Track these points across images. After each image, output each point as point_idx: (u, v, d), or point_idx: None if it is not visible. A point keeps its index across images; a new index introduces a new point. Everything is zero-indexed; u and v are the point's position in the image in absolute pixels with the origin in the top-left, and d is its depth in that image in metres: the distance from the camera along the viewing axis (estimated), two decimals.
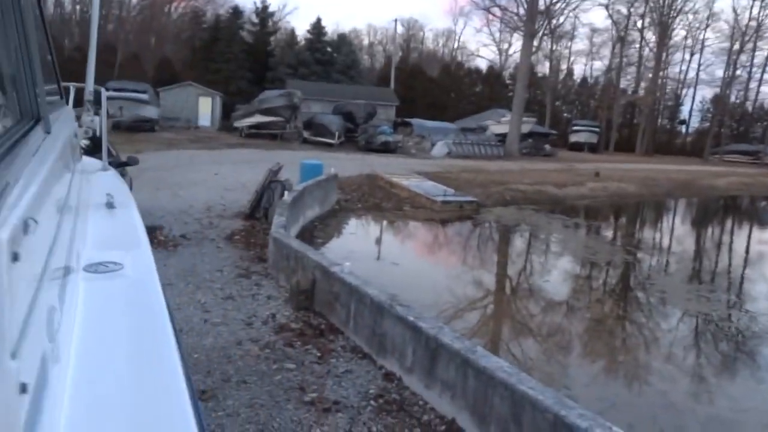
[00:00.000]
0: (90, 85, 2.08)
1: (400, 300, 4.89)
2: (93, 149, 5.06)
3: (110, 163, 8.38)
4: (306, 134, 31.00)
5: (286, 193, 10.24)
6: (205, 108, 36.60)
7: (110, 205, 1.95)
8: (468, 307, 8.22)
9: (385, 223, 14.04)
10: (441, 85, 51.95)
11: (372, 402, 4.20)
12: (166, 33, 52.69)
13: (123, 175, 9.05)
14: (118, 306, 1.20)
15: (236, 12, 48.47)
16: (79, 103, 3.55)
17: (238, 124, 32.21)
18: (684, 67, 58.78)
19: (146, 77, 39.21)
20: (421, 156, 28.51)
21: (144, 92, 30.78)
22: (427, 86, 50.26)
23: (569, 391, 5.18)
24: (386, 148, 28.61)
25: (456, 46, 69.39)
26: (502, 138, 34.79)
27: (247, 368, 4.59)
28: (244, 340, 5.15)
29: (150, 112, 30.97)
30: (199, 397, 4.07)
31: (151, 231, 8.83)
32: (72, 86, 3.54)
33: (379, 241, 12.55)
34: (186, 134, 30.37)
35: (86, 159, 3.28)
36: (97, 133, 3.22)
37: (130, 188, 9.52)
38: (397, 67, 48.17)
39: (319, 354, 4.95)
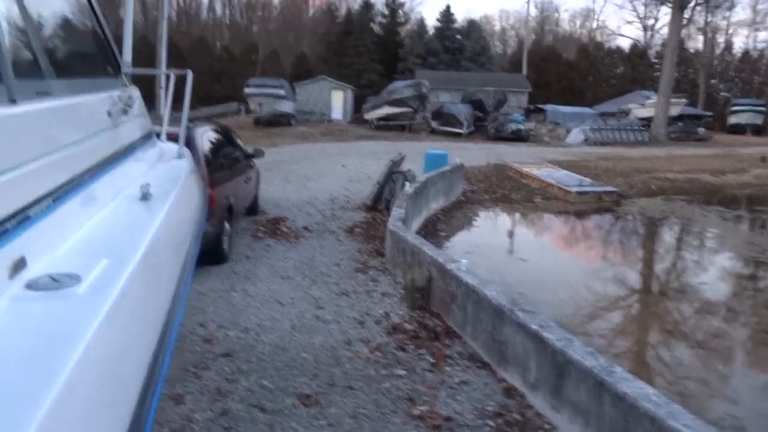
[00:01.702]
0: (127, 56, 1.87)
1: (523, 304, 4.32)
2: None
3: (239, 156, 8.60)
4: (434, 124, 30.66)
5: (407, 184, 9.93)
6: (338, 101, 37.56)
7: (145, 197, 1.69)
8: (607, 311, 7.36)
9: (513, 215, 13.28)
10: (577, 68, 48.92)
11: (490, 422, 3.71)
12: (303, 30, 54.95)
13: (250, 167, 9.30)
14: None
15: (367, 5, 49.29)
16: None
17: (368, 116, 32.65)
18: None
19: (284, 73, 41.16)
20: (555, 144, 26.98)
21: (281, 87, 32.24)
22: (563, 70, 47.57)
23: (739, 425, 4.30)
24: (517, 137, 27.45)
25: (595, 26, 65.05)
26: (646, 122, 31.90)
27: (354, 372, 4.30)
28: (355, 340, 4.88)
29: (287, 106, 32.40)
30: (303, 402, 3.84)
31: (276, 222, 8.96)
32: (172, 72, 3.40)
33: (506, 235, 11.86)
34: (319, 128, 31.36)
35: (164, 144, 3.12)
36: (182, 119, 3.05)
37: (257, 180, 9.83)
38: (529, 51, 46.19)
39: (432, 360, 4.53)
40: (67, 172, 1.32)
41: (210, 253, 6.64)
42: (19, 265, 0.99)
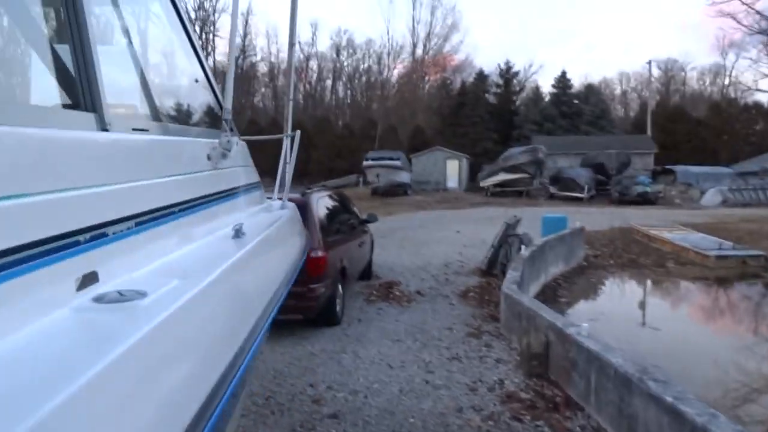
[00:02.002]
0: (228, 104, 1.95)
1: (655, 373, 3.86)
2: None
3: (353, 221, 8.81)
4: (552, 189, 29.83)
5: (523, 247, 9.57)
6: (453, 170, 37.94)
7: (237, 235, 1.70)
8: (765, 393, 6.40)
9: (643, 282, 12.28)
10: (709, 127, 45.80)
11: None
12: (419, 104, 56.97)
13: (364, 232, 9.48)
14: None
15: (481, 76, 50.24)
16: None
17: (483, 183, 32.56)
18: None
19: (401, 146, 42.52)
20: (687, 206, 25.05)
21: (398, 159, 33.27)
22: (692, 129, 44.76)
23: None
24: (644, 200, 25.87)
25: (727, 82, 61.10)
26: None
27: None
28: (466, 407, 4.60)
29: (403, 177, 33.26)
30: None
31: (388, 286, 8.96)
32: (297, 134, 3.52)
33: (635, 303, 10.94)
34: (434, 196, 31.70)
35: (273, 202, 3.21)
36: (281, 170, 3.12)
37: (371, 245, 9.97)
38: (654, 112, 44.19)
39: None
40: (155, 201, 1.36)
41: (323, 314, 6.74)
42: (90, 278, 1.00)
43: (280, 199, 3.42)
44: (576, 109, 46.71)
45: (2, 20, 1.37)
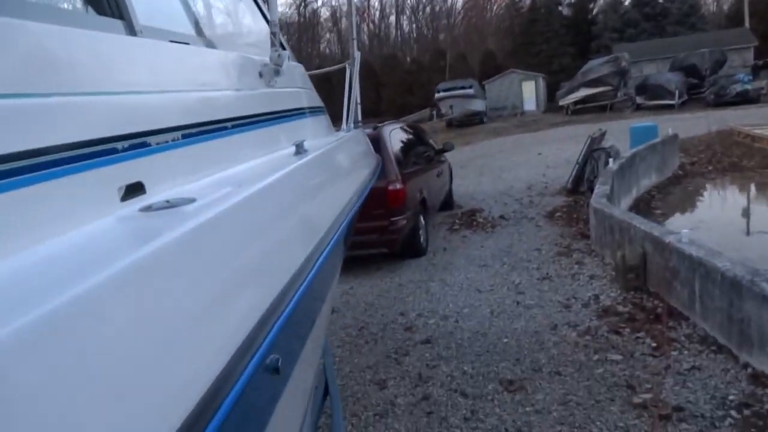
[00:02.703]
0: (275, 16, 1.83)
1: (766, 274, 3.56)
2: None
3: (428, 152, 8.65)
4: (639, 100, 27.93)
5: (611, 161, 9.06)
6: (529, 92, 36.36)
7: (297, 151, 1.63)
8: None
9: (746, 185, 11.37)
10: None
11: (733, 413, 3.09)
12: (487, 28, 54.52)
13: (441, 162, 9.31)
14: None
15: None
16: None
17: (562, 101, 31.01)
18: None
19: (473, 74, 41.08)
20: None
21: (470, 87, 32.24)
22: None
23: None
24: (744, 99, 23.73)
25: None
26: None
27: (561, 357, 3.94)
28: (560, 324, 4.49)
29: (477, 105, 32.29)
30: (506, 388, 3.61)
31: (471, 214, 8.83)
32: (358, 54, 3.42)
33: (739, 209, 10.17)
34: (512, 121, 30.64)
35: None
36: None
37: (450, 175, 9.80)
38: (751, 0, 39.77)
39: (654, 344, 3.96)
40: (203, 114, 1.31)
41: (407, 246, 6.75)
42: (135, 189, 0.97)
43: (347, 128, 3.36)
44: (660, 10, 42.85)
45: None
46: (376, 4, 61.43)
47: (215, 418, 0.74)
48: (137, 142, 1.00)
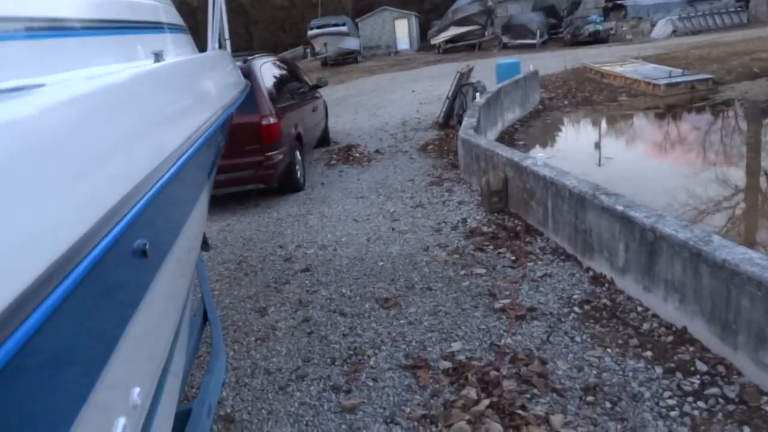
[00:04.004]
0: None
1: (606, 189, 4.02)
2: None
3: (303, 88, 8.51)
4: (505, 39, 29.15)
5: (478, 95, 9.50)
6: (402, 31, 36.50)
7: (158, 57, 1.59)
8: (712, 213, 6.75)
9: (596, 117, 12.48)
10: None
11: (576, 309, 3.53)
12: None
13: (316, 98, 9.23)
14: None
15: None
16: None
17: (434, 40, 31.54)
18: None
19: (346, 11, 40.30)
20: (638, 41, 24.90)
21: (344, 24, 31.67)
22: None
23: None
24: (596, 39, 25.58)
25: None
26: (744, 2, 28.65)
27: (432, 275, 4.23)
28: (432, 246, 4.79)
29: (352, 43, 31.90)
30: (381, 305, 3.83)
31: (347, 149, 8.93)
32: None
33: (589, 138, 11.18)
34: (386, 60, 30.75)
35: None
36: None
37: (325, 111, 9.76)
38: None
39: (513, 258, 4.37)
40: (52, 9, 1.24)
41: (284, 181, 6.73)
42: None
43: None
44: None
45: None
46: None
47: (69, 280, 0.76)
48: None
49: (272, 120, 6.27)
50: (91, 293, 0.83)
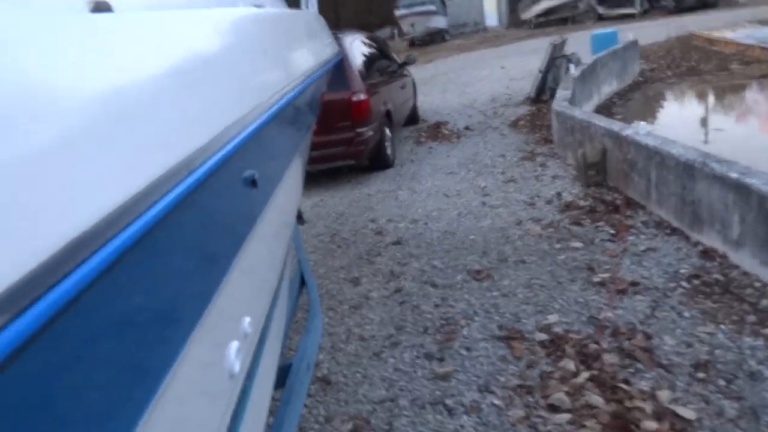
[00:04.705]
0: None
1: (717, 156, 3.73)
2: None
3: (392, 65, 8.51)
4: (601, 10, 27.62)
5: (572, 67, 9.10)
6: (491, 6, 35.50)
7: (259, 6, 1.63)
8: None
9: (703, 88, 11.60)
10: None
11: (684, 283, 3.32)
12: None
13: (405, 75, 9.20)
14: None
15: None
16: None
17: (524, 15, 30.46)
18: None
19: None
20: (755, 4, 22.81)
21: (431, 3, 31.28)
22: None
23: None
24: (703, 3, 23.69)
25: None
26: None
27: (526, 248, 4.12)
28: (525, 220, 4.67)
29: (439, 22, 31.47)
30: (474, 277, 3.78)
31: (436, 127, 8.87)
32: None
33: (696, 110, 10.43)
34: (475, 38, 30.13)
35: None
36: None
37: (414, 89, 9.72)
38: None
39: (612, 232, 4.17)
40: None
41: (374, 158, 6.79)
42: (103, 6, 0.98)
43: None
44: None
45: None
46: None
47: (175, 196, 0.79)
48: None
49: (363, 96, 6.32)
50: (207, 210, 0.87)
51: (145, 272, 0.75)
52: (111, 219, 0.63)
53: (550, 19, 28.52)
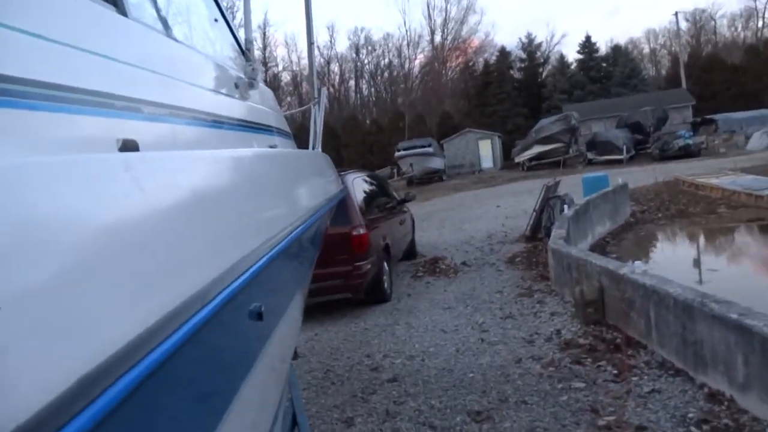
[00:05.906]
0: (249, 34, 1.97)
1: (715, 296, 3.74)
2: None
3: (391, 201, 8.80)
4: (590, 155, 29.18)
5: (566, 207, 9.39)
6: (486, 150, 37.50)
7: (272, 146, 1.73)
8: None
9: (694, 230, 11.90)
10: (747, 71, 43.84)
11: (693, 429, 3.17)
12: (444, 91, 56.43)
13: (404, 212, 9.48)
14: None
15: (503, 53, 49.47)
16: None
17: (518, 158, 32.08)
18: None
19: (431, 134, 42.20)
20: (733, 153, 24.14)
21: (429, 146, 33.02)
22: (729, 76, 42.97)
23: None
24: (686, 153, 25.08)
25: (761, 24, 58.36)
26: None
27: (527, 388, 3.98)
28: (525, 358, 4.56)
29: (436, 163, 33.04)
30: (473, 418, 3.61)
31: (434, 262, 8.95)
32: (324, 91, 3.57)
33: (688, 250, 10.62)
34: (470, 178, 31.43)
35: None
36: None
37: (412, 224, 9.95)
38: (687, 64, 42.73)
39: (615, 372, 4.06)
40: (184, 101, 1.40)
41: (372, 291, 6.78)
42: (131, 145, 1.04)
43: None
44: (605, 73, 45.49)
45: None
46: (336, 68, 63.19)
47: (185, 331, 0.79)
48: (134, 106, 1.10)
49: (362, 231, 6.46)
50: (213, 344, 0.87)
51: (148, 409, 0.73)
52: (120, 355, 0.65)
53: (542, 163, 29.97)
